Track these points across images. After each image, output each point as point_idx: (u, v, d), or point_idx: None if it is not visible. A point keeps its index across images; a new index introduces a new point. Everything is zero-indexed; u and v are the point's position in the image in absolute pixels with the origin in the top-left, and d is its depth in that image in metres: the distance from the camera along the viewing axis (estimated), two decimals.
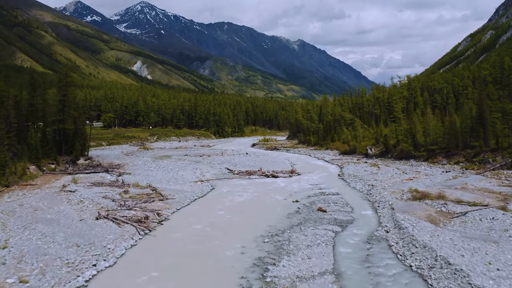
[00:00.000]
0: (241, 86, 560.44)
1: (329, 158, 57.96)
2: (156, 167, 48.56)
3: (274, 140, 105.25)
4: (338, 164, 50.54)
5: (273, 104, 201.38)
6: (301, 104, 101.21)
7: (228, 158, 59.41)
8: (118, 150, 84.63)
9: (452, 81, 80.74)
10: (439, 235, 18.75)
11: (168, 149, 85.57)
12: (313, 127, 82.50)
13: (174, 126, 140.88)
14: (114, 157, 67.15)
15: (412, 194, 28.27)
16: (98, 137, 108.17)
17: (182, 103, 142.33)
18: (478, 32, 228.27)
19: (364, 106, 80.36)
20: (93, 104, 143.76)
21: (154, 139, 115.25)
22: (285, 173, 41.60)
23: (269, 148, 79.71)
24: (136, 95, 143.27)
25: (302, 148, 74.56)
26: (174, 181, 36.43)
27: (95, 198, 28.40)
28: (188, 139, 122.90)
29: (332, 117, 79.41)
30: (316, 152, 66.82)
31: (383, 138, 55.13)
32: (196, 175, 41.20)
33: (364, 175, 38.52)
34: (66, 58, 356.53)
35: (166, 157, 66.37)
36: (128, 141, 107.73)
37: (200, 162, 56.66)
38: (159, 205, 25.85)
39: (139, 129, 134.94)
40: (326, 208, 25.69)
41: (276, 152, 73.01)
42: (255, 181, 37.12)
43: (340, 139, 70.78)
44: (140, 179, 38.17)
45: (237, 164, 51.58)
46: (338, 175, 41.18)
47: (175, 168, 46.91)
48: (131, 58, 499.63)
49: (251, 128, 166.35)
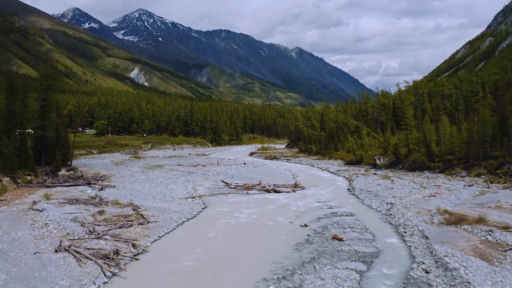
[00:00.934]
0: (239, 94, 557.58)
1: (334, 169, 53.32)
2: (144, 180, 43.78)
3: (273, 149, 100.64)
4: (345, 176, 45.89)
5: (271, 112, 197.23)
6: (302, 111, 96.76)
7: (224, 169, 54.69)
8: (108, 159, 79.81)
9: (460, 87, 76.68)
10: (502, 281, 14.08)
11: (161, 158, 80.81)
12: (314, 135, 78.01)
13: (169, 133, 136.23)
14: (102, 167, 62.38)
15: (443, 217, 23.59)
16: (89, 144, 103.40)
17: (178, 110, 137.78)
18: (477, 39, 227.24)
19: (368, 113, 76.00)
20: (86, 110, 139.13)
21: (147, 147, 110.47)
22: (288, 187, 36.89)
23: (268, 158, 75.06)
24: (130, 101, 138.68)
25: (303, 158, 69.94)
26: (161, 198, 31.63)
27: (62, 220, 23.60)
28: (184, 147, 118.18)
29: (335, 125, 74.97)
30: (319, 162, 62.19)
31: (393, 147, 50.62)
32: (187, 189, 36.41)
33: (379, 190, 33.85)
34: (63, 64, 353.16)
35: (157, 167, 61.60)
36: (120, 149, 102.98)
37: (193, 173, 51.92)
38: (137, 232, 21.03)
39: (133, 136, 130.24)
40: (343, 235, 20.97)
41: (276, 162, 68.34)
42: (254, 197, 32.37)
43: (345, 148, 66.23)
44: (123, 195, 33.41)
45: (234, 176, 46.88)
46: (348, 189, 36.49)
47: (165, 181, 42.12)
48: (129, 65, 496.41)
49: (249, 136, 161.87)
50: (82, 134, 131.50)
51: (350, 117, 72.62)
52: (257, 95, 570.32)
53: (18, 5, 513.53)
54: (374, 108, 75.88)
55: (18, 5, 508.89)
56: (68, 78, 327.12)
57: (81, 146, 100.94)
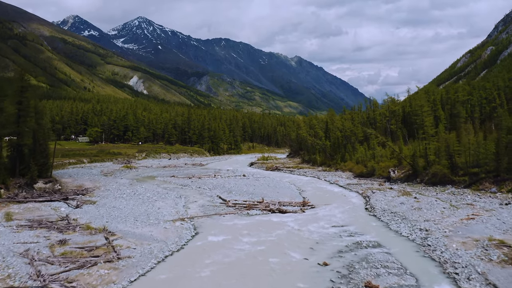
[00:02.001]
0: (238, 102, 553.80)
1: (344, 182, 47.99)
2: (130, 195, 38.40)
3: (274, 158, 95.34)
4: (358, 191, 40.53)
5: (272, 120, 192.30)
6: (305, 119, 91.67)
7: (221, 181, 49.31)
8: (98, 169, 74.51)
9: (474, 93, 71.74)
10: None
11: (155, 168, 75.43)
12: (319, 144, 72.80)
13: (165, 142, 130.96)
14: (88, 178, 57.03)
15: (502, 251, 18.27)
16: (80, 153, 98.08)
17: (175, 118, 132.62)
18: (477, 48, 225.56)
19: (377, 121, 70.90)
20: (80, 117, 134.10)
21: (142, 156, 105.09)
22: (295, 205, 31.52)
23: (270, 168, 69.70)
24: (125, 108, 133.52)
25: (307, 169, 64.58)
26: (144, 220, 26.22)
27: (9, 254, 18.18)
28: (180, 156, 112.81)
29: (341, 133, 69.83)
30: (325, 174, 56.84)
31: (411, 158, 45.38)
32: (177, 208, 30.99)
33: (404, 211, 28.49)
34: (61, 71, 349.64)
35: (149, 179, 56.22)
36: (113, 158, 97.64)
37: (187, 186, 46.55)
38: (101, 275, 15.60)
39: (127, 145, 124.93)
40: (377, 280, 15.59)
41: (278, 173, 62.99)
42: (256, 220, 26.97)
43: (353, 158, 60.97)
44: (100, 215, 28.06)
45: (232, 190, 41.51)
46: (366, 209, 31.12)
47: (153, 197, 36.71)
48: (128, 73, 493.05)
49: (248, 145, 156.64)
50: (74, 142, 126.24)
51: (358, 125, 67.52)
52: (257, 104, 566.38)
53: (18, 11, 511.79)
54: (383, 116, 70.85)
55: (17, 12, 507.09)
56: (66, 85, 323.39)
57: (72, 154, 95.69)
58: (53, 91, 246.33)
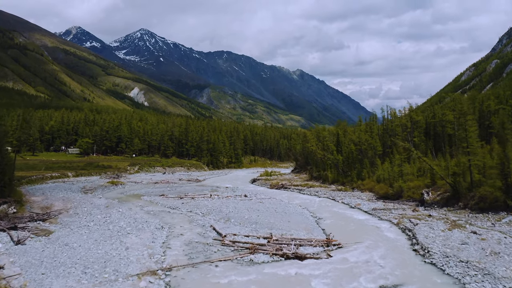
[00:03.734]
0: (240, 115, 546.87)
1: (367, 206, 39.36)
2: (99, 223, 29.88)
3: (278, 174, 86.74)
4: (390, 219, 31.90)
5: (274, 132, 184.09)
6: (313, 131, 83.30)
7: (218, 204, 40.70)
8: (81, 184, 66.15)
9: (506, 101, 63.51)
10: None
11: (144, 185, 66.91)
12: (330, 159, 64.31)
13: (161, 154, 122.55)
14: (63, 196, 48.63)
15: None
16: (66, 166, 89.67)
17: (172, 129, 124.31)
18: (482, 62, 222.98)
19: (396, 133, 62.47)
20: (71, 127, 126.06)
21: (134, 169, 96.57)
22: (316, 244, 22.88)
23: (275, 186, 61.02)
24: (119, 118, 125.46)
25: (319, 188, 55.87)
26: (96, 272, 17.62)
27: None
28: (176, 170, 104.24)
29: (356, 147, 61.40)
30: (341, 195, 48.15)
31: (452, 177, 36.85)
32: (153, 248, 22.34)
33: (477, 258, 19.79)
34: (61, 81, 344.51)
35: (134, 198, 47.67)
36: (101, 172, 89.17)
37: (176, 210, 38.01)
38: None
39: (120, 157, 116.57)
40: None
41: (285, 192, 54.34)
42: (264, 273, 18.28)
43: (372, 176, 52.46)
44: (40, 260, 19.58)
45: (230, 216, 32.92)
46: (415, 251, 22.43)
47: (126, 227, 28.15)
48: (129, 84, 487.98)
49: (249, 158, 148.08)
50: (64, 154, 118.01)
51: (376, 138, 59.19)
52: (258, 117, 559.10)
53: (19, 22, 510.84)
54: (403, 127, 62.55)
55: (19, 22, 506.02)
56: (66, 95, 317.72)
57: (56, 167, 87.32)
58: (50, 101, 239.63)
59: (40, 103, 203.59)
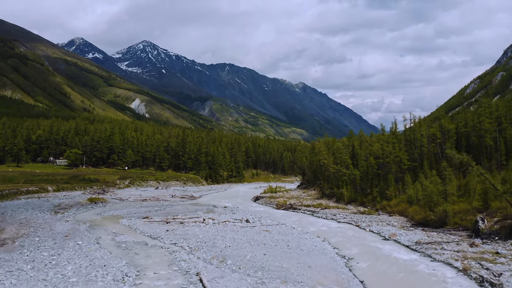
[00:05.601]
0: (242, 128, 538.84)
1: (405, 237, 30.19)
2: (40, 265, 20.88)
3: (284, 190, 77.59)
4: (447, 260, 22.74)
5: (278, 145, 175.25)
6: (323, 142, 74.40)
7: (213, 232, 31.63)
8: (56, 201, 57.46)
9: None
10: None
11: (131, 202, 57.91)
12: (346, 174, 55.29)
13: (156, 167, 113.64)
14: (25, 217, 40.02)
15: None
16: (48, 179, 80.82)
17: (168, 139, 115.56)
18: (487, 74, 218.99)
19: (423, 144, 53.58)
20: (60, 137, 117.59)
21: (125, 183, 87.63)
22: None
23: (282, 206, 51.81)
24: (111, 127, 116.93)
25: (336, 209, 46.56)
26: None
27: None
28: (171, 184, 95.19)
29: (376, 161, 52.41)
30: (366, 219, 38.92)
31: None
32: None
33: None
34: (61, 91, 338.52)
35: (111, 221, 38.64)
36: (86, 186, 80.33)
37: (157, 240, 29.02)
38: None
39: (111, 169, 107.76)
40: None
41: (295, 215, 45.16)
42: None
43: (400, 195, 43.42)
44: None
45: (227, 254, 23.86)
46: None
47: (71, 276, 19.10)
48: (130, 96, 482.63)
49: (251, 172, 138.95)
50: (51, 166, 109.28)
51: (403, 149, 50.28)
52: (261, 130, 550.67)
53: (21, 32, 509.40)
54: (430, 138, 53.75)
55: (20, 32, 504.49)
56: (65, 105, 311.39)
57: (37, 180, 78.58)
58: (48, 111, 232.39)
59: (37, 112, 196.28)
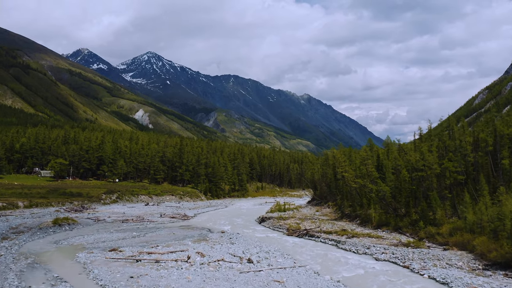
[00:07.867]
0: (246, 139, 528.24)
1: None
2: None
3: (294, 208, 66.41)
4: None
5: (284, 156, 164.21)
6: (340, 151, 63.22)
7: (197, 282, 20.67)
8: (18, 221, 47.03)
9: None
10: None
11: (107, 224, 47.09)
12: (374, 190, 44.24)
13: (151, 180, 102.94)
14: None
15: None
16: (23, 192, 70.32)
17: (163, 149, 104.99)
18: (495, 84, 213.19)
19: (467, 153, 42.50)
20: (47, 146, 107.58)
21: (111, 199, 76.86)
22: None
23: (295, 232, 40.57)
24: (101, 136, 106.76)
25: (367, 239, 35.27)
26: None
27: None
28: (165, 199, 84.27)
29: (413, 174, 41.41)
30: (415, 257, 27.80)
31: None
32: None
33: None
34: (63, 101, 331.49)
35: (64, 256, 27.81)
36: (65, 201, 69.75)
37: None
38: None
39: (101, 182, 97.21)
40: None
41: (314, 246, 34.08)
42: None
43: (457, 221, 32.38)
44: None
45: None
46: None
47: None
48: (134, 107, 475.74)
49: (256, 185, 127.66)
50: (35, 177, 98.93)
51: (454, 158, 39.32)
52: (266, 141, 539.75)
53: (25, 41, 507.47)
54: (475, 145, 42.87)
55: (24, 42, 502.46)
56: (67, 115, 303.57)
57: (9, 194, 68.09)
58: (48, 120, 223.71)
59: (37, 122, 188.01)
